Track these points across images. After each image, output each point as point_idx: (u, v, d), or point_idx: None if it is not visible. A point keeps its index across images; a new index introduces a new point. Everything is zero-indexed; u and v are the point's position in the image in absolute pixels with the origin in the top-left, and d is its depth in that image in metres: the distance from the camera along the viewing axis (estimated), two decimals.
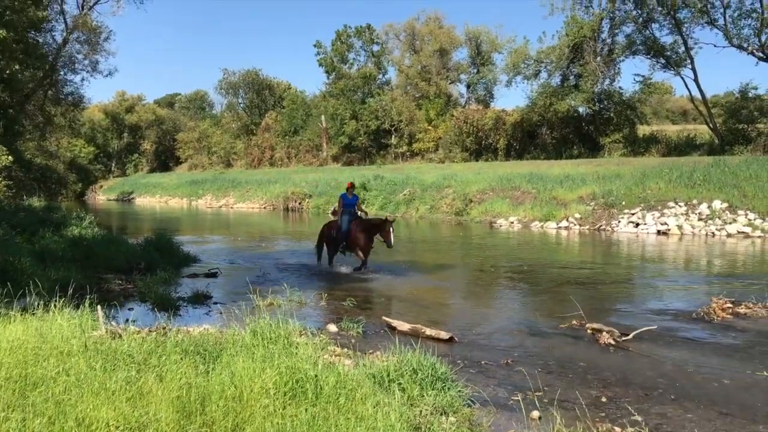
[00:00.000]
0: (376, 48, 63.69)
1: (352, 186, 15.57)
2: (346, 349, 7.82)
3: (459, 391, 5.95)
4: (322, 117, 63.72)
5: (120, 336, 7.00)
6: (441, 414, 5.45)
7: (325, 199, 38.81)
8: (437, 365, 6.18)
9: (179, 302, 11.04)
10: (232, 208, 47.00)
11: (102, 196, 75.64)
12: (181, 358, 6.06)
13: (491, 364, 7.54)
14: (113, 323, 7.91)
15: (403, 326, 8.95)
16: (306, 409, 4.89)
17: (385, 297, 12.06)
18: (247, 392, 5.14)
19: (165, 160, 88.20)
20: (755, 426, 5.56)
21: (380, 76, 63.97)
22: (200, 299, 11.32)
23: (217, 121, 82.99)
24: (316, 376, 5.55)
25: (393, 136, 57.32)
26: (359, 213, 15.39)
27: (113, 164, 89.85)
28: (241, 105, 79.63)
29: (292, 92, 77.10)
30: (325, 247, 15.76)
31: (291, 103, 71.85)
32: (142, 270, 13.75)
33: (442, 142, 52.48)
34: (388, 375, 6.06)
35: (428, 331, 8.69)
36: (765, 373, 7.05)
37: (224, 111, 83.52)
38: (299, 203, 41.17)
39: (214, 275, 14.33)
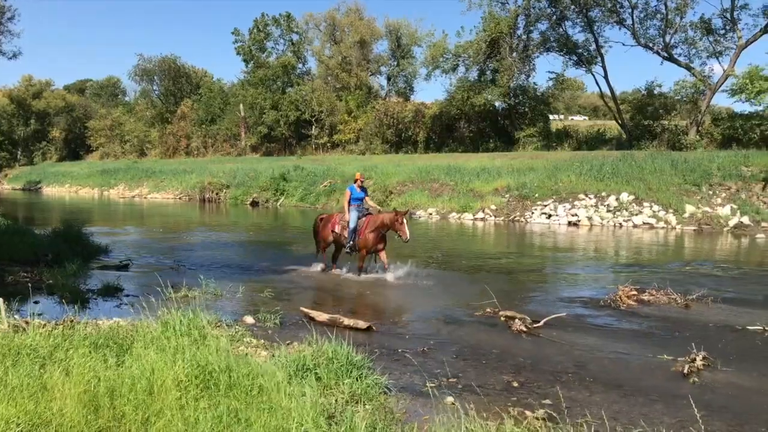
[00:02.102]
0: (295, 37, 63.06)
1: (361, 177, 13.38)
2: (262, 341, 7.75)
3: (375, 379, 5.99)
4: (241, 106, 62.61)
5: (24, 330, 6.69)
6: (356, 402, 5.49)
7: (243, 190, 38.18)
8: (353, 354, 6.21)
9: (89, 295, 10.65)
10: (146, 198, 45.63)
11: (7, 185, 71.93)
12: (90, 352, 5.87)
13: (408, 352, 7.61)
14: (17, 317, 7.55)
15: (322, 316, 8.92)
16: (219, 401, 4.81)
17: (303, 288, 12.00)
18: (158, 385, 5.02)
19: (75, 148, 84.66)
20: (654, 405, 5.84)
21: (300, 66, 63.45)
22: (111, 291, 10.95)
23: (130, 108, 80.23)
24: (229, 367, 5.47)
25: (314, 127, 56.98)
26: (371, 209, 13.28)
27: (19, 152, 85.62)
28: (156, 92, 77.21)
29: (210, 80, 75.41)
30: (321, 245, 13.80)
31: (208, 91, 70.26)
32: (50, 262, 13.15)
33: (363, 134, 52.54)
34: (304, 365, 6.04)
35: (346, 321, 8.71)
36: (665, 356, 7.42)
37: (138, 98, 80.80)
38: (216, 194, 40.34)
39: (126, 267, 13.90)
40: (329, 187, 34.44)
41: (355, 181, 13.24)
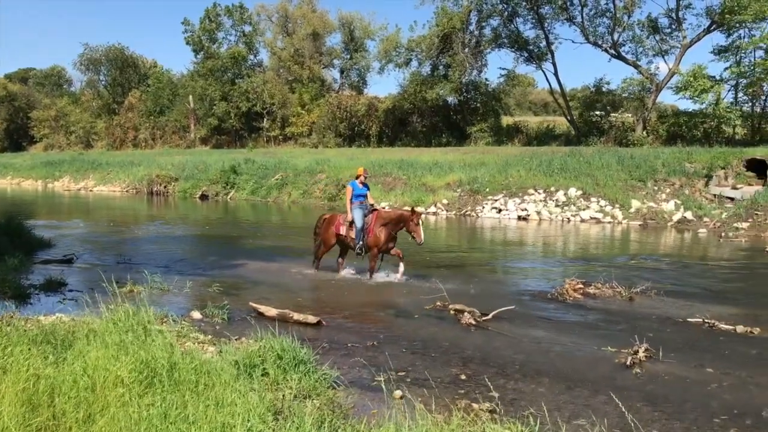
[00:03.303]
0: (247, 28, 62.23)
1: (364, 173, 12.42)
2: (210, 336, 7.66)
3: (324, 374, 5.97)
4: (190, 97, 61.54)
5: None
6: (304, 397, 5.45)
7: (192, 183, 37.55)
8: (302, 349, 6.17)
9: (30, 290, 10.34)
10: (91, 191, 44.48)
11: None
12: (29, 349, 5.70)
13: (358, 346, 7.62)
14: None
15: (271, 311, 8.84)
16: (164, 398, 4.72)
17: (253, 282, 11.86)
18: (101, 382, 4.91)
19: (17, 139, 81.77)
20: (598, 397, 5.96)
21: (251, 58, 62.63)
22: (54, 287, 10.67)
23: (76, 98, 77.92)
24: (174, 363, 5.38)
25: (265, 119, 56.42)
26: (373, 205, 12.37)
27: None
28: (103, 82, 75.21)
29: (158, 71, 73.78)
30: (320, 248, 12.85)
31: (157, 81, 68.76)
32: None
33: (316, 127, 52.23)
34: (252, 360, 5.98)
35: (296, 316, 8.66)
36: (609, 348, 7.58)
37: (84, 88, 78.57)
38: (165, 187, 39.55)
39: (69, 261, 13.55)
40: (281, 180, 34.15)
41: (357, 177, 12.34)
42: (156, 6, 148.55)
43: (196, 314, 8.86)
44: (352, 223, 12.04)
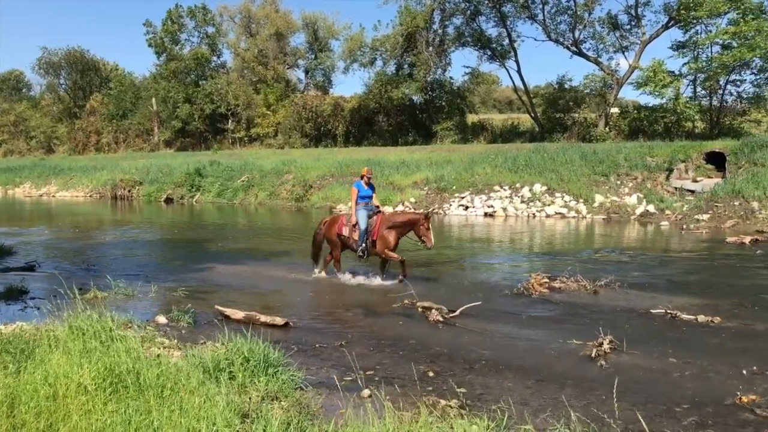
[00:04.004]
0: (210, 30, 61.64)
1: (368, 173, 12.00)
2: (175, 341, 7.56)
3: (291, 375, 5.95)
4: (153, 100, 60.77)
5: None
6: (272, 399, 5.43)
7: (156, 187, 37.08)
8: (269, 351, 6.13)
9: None
10: (54, 196, 43.63)
11: None
12: None
13: (326, 346, 7.61)
14: None
15: (237, 314, 8.78)
16: (128, 404, 4.66)
17: (219, 286, 11.74)
18: (63, 390, 4.82)
19: None
20: (564, 390, 6.03)
21: (215, 59, 62.08)
22: (15, 295, 10.45)
23: (35, 103, 76.45)
24: (139, 369, 5.31)
25: (230, 121, 55.96)
26: (378, 207, 12.10)
27: None
28: (63, 86, 73.90)
29: (120, 73, 72.72)
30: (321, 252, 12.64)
31: (119, 84, 67.80)
32: None
33: (282, 128, 51.98)
34: (218, 364, 5.93)
35: (263, 318, 8.61)
36: (575, 341, 7.68)
37: (44, 92, 77.08)
38: (129, 191, 39.00)
39: (31, 269, 13.27)
40: (247, 182, 33.90)
41: (362, 177, 11.97)
42: (116, 8, 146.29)
43: (162, 319, 8.75)
44: (356, 224, 11.70)
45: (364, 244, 11.58)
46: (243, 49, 59.45)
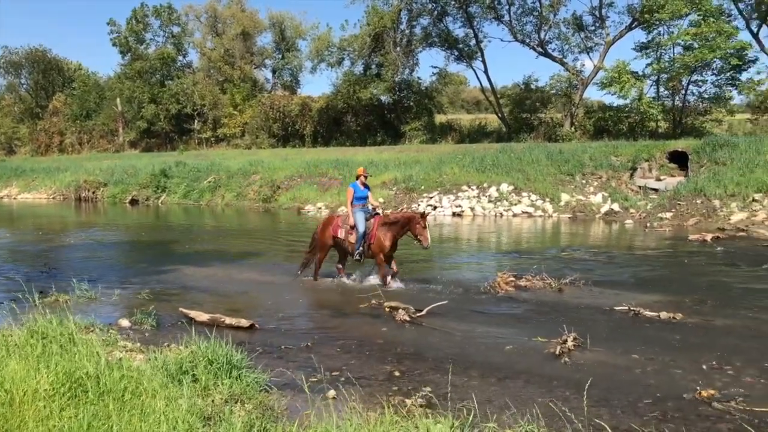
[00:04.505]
0: (176, 29, 60.95)
1: (364, 173, 11.76)
2: (138, 344, 7.46)
3: (256, 377, 5.90)
4: (118, 100, 59.92)
5: None
6: (236, 402, 5.37)
7: (121, 188, 36.52)
8: (233, 353, 6.07)
9: None
10: (15, 198, 42.71)
11: None
12: None
13: (292, 348, 7.56)
14: None
15: (202, 316, 8.68)
16: (86, 409, 4.57)
17: (184, 288, 11.59)
18: (20, 396, 4.71)
19: None
20: (528, 387, 6.08)
21: (181, 59, 61.42)
22: None
23: None
24: (100, 373, 5.22)
25: (196, 121, 55.40)
26: (376, 208, 11.85)
27: None
28: (25, 86, 72.46)
29: (84, 73, 71.52)
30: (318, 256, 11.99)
31: (82, 84, 66.67)
32: None
33: (249, 128, 51.61)
34: (181, 367, 5.86)
35: (228, 320, 8.53)
36: (540, 338, 7.75)
37: (4, 93, 75.42)
38: (93, 192, 38.33)
39: None
40: (213, 182, 33.58)
41: (358, 177, 11.65)
42: (79, 7, 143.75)
43: (125, 322, 8.62)
44: (353, 227, 11.28)
45: (361, 248, 11.16)
46: (209, 48, 58.91)
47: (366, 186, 11.64)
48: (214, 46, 58.51)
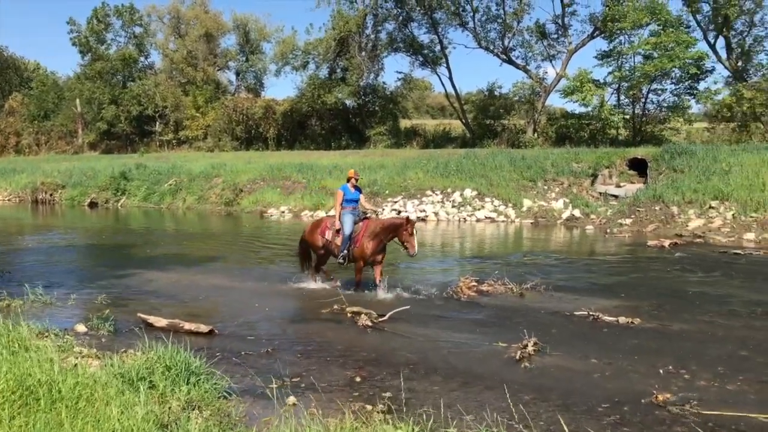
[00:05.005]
0: (138, 30, 60.09)
1: (356, 175, 11.55)
2: (94, 350, 7.30)
3: (214, 384, 5.81)
4: (77, 101, 58.80)
5: None
6: (193, 409, 5.29)
7: (80, 190, 35.78)
8: (192, 359, 5.98)
9: None
10: None
11: None
12: None
13: (252, 353, 7.48)
14: None
15: (160, 322, 8.54)
16: (37, 417, 4.45)
17: (143, 293, 11.39)
18: None
19: None
20: (489, 392, 6.10)
21: (142, 60, 60.57)
22: None
23: None
24: (53, 380, 5.09)
25: (158, 123, 54.64)
26: (367, 212, 11.65)
27: None
28: None
29: (42, 73, 70.08)
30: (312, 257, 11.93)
31: (40, 84, 65.27)
32: None
33: (211, 131, 51.06)
34: (138, 373, 5.75)
35: (187, 326, 8.40)
36: (500, 343, 7.79)
37: None
38: (51, 195, 37.46)
39: None
40: (174, 185, 33.12)
41: (348, 180, 11.45)
42: (38, 5, 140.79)
43: (81, 327, 8.44)
44: (339, 230, 11.10)
45: (346, 251, 10.96)
46: (172, 50, 58.21)
47: (357, 189, 11.45)
48: (177, 47, 57.83)
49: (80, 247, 18.68)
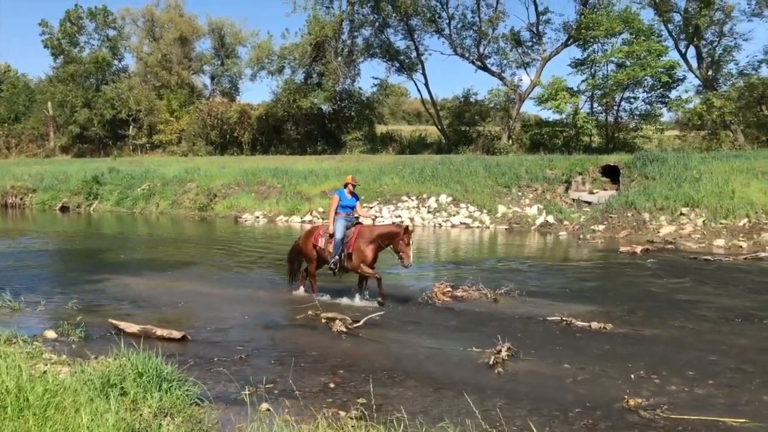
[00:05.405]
0: (111, 32, 59.53)
1: (353, 181, 11.10)
2: (64, 356, 7.19)
3: (187, 390, 5.75)
4: (49, 104, 58.07)
5: None
6: (165, 416, 5.23)
7: (51, 194, 35.30)
8: (164, 365, 5.91)
9: None
10: None
11: None
12: None
13: (225, 360, 7.41)
14: None
15: (132, 328, 8.44)
16: (3, 426, 4.37)
17: (115, 298, 11.24)
18: None
19: None
20: (462, 397, 6.10)
21: (116, 63, 60.00)
22: None
23: None
24: (21, 387, 5.00)
25: (131, 127, 54.10)
26: (360, 218, 11.30)
27: None
28: None
29: (13, 75, 69.06)
30: (303, 264, 11.55)
31: (11, 87, 64.44)
32: None
33: (185, 135, 50.70)
34: (109, 380, 5.67)
35: (159, 332, 8.31)
36: (474, 348, 7.82)
37: None
38: (21, 199, 36.91)
39: None
40: (148, 190, 32.79)
41: (346, 186, 11.04)
42: (9, 6, 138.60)
43: (51, 333, 8.31)
44: (332, 235, 10.76)
45: (337, 257, 10.60)
46: (146, 53, 57.75)
47: (354, 195, 11.13)
48: (151, 50, 57.39)
49: (51, 252, 18.40)
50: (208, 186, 31.25)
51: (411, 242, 10.28)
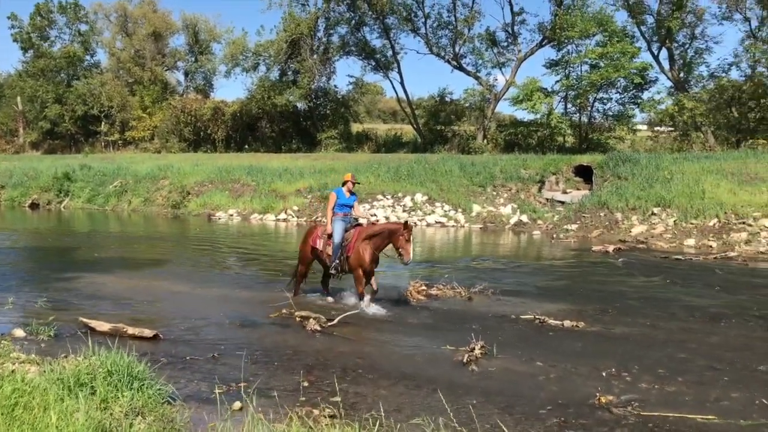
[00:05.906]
0: (83, 27, 58.69)
1: (352, 179, 10.57)
2: (33, 355, 7.07)
3: (158, 389, 5.68)
4: (18, 99, 57.10)
5: None
6: (136, 415, 5.16)
7: (21, 191, 34.72)
8: (134, 364, 5.84)
9: None
10: None
11: None
12: None
13: (197, 358, 7.36)
14: None
15: (103, 326, 8.33)
16: None
17: (86, 296, 11.08)
18: None
19: None
20: (436, 395, 6.12)
21: (88, 58, 59.16)
22: None
23: None
24: None
25: (103, 123, 53.39)
26: (360, 218, 10.86)
27: None
28: None
29: None
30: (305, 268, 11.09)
31: None
32: None
33: (159, 132, 50.20)
34: (79, 379, 5.58)
35: (131, 330, 8.22)
36: (448, 346, 7.85)
37: None
38: None
39: None
40: (120, 187, 32.41)
41: (344, 184, 10.55)
42: None
43: (19, 332, 8.17)
44: (330, 236, 10.37)
45: (337, 261, 10.16)
46: (118, 49, 57.06)
47: (353, 194, 10.64)
48: (124, 46, 56.74)
49: (20, 250, 18.10)
50: (182, 183, 30.97)
51: (411, 239, 9.94)
